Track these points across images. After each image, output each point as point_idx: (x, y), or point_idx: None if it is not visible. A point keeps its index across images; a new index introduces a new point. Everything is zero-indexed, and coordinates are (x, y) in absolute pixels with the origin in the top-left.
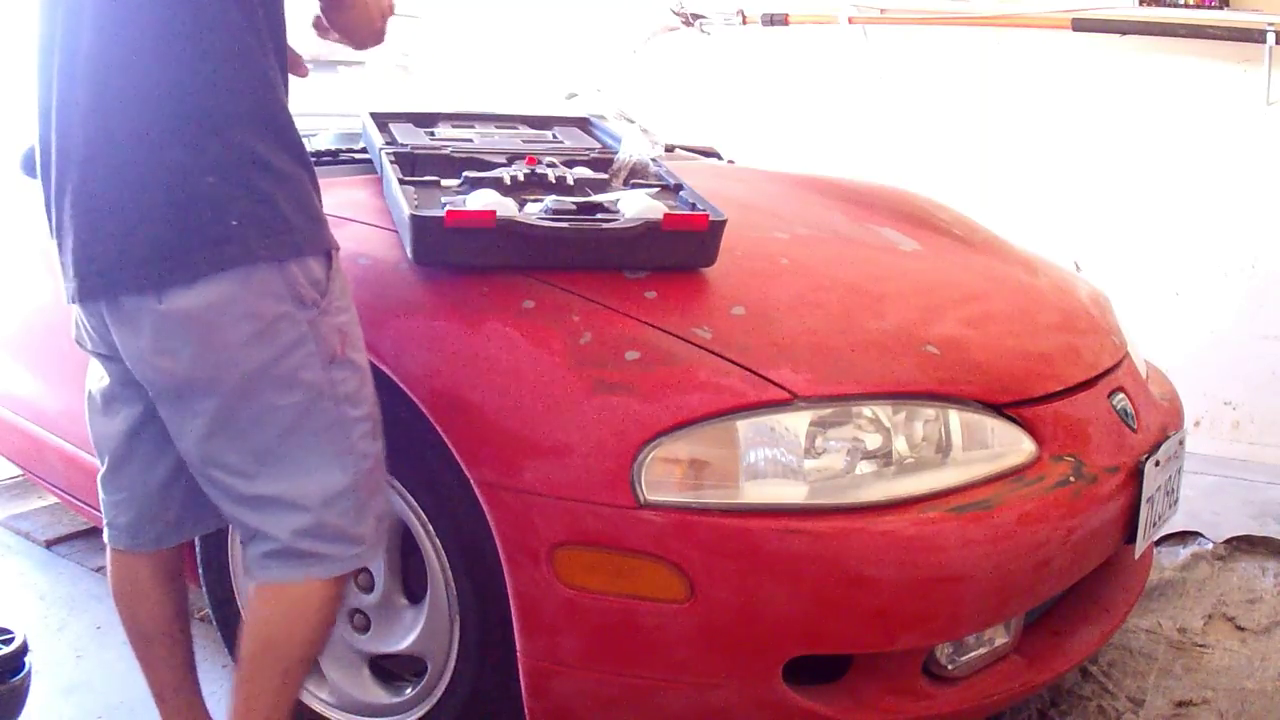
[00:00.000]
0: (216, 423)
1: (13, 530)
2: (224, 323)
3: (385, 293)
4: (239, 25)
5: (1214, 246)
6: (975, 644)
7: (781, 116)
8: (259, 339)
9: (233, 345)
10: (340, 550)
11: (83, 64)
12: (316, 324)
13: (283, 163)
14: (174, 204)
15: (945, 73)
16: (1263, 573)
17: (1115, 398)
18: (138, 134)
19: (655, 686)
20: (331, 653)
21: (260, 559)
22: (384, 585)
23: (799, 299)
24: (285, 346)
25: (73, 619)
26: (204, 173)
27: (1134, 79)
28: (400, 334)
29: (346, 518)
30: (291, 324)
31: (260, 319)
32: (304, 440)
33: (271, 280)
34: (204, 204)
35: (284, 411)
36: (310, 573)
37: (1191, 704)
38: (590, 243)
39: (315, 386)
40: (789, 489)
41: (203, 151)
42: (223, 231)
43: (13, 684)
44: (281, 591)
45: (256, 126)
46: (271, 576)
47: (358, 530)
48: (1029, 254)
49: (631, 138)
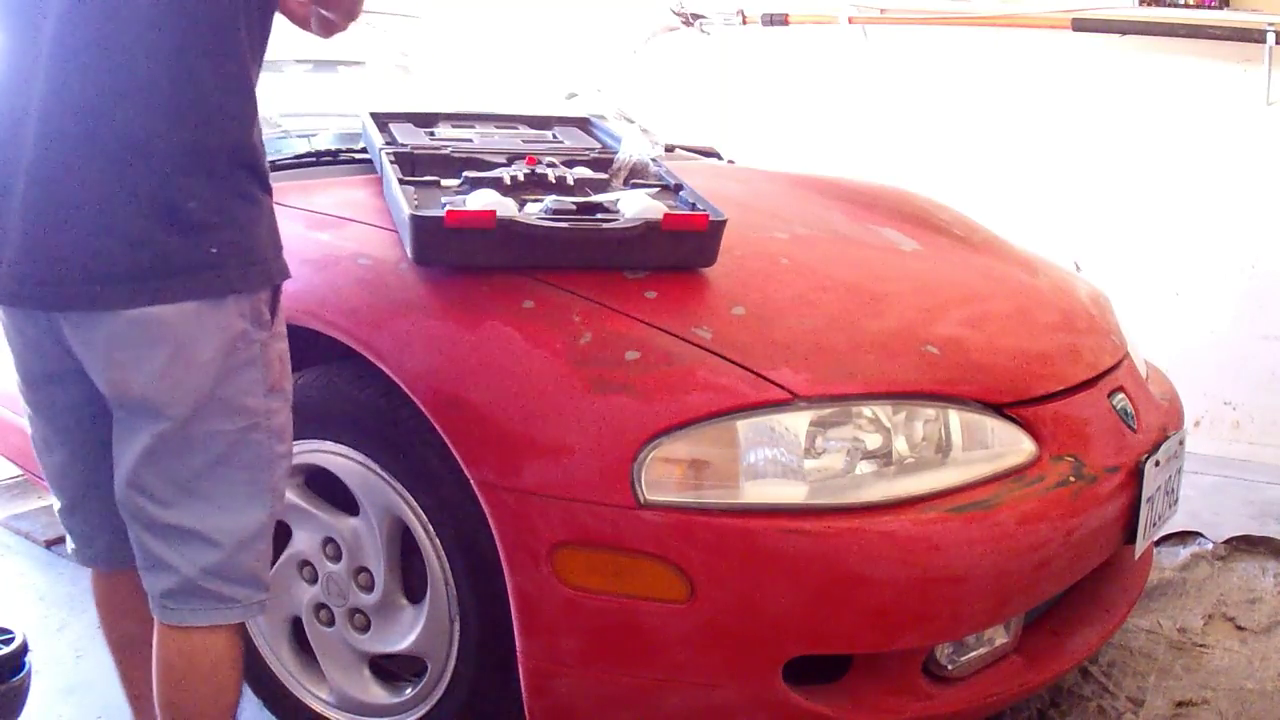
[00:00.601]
0: (155, 446)
1: (13, 530)
2: (192, 334)
3: (385, 293)
4: (244, 53)
5: (1214, 246)
6: (975, 644)
7: (781, 116)
8: (222, 353)
9: (199, 361)
10: (247, 594)
11: (66, 64)
12: (267, 346)
13: (259, 192)
14: (151, 225)
15: (945, 73)
16: (1263, 573)
17: (1115, 398)
18: (118, 145)
19: (655, 686)
20: (331, 653)
21: (161, 597)
22: (384, 585)
23: (799, 299)
24: (238, 365)
25: (73, 619)
26: (187, 197)
27: (1134, 79)
28: (400, 334)
29: (260, 559)
30: (248, 343)
31: (226, 332)
32: (230, 473)
33: (240, 302)
34: (185, 229)
35: (222, 438)
36: (213, 617)
37: (1191, 704)
38: (590, 243)
39: (254, 414)
40: (789, 489)
41: (187, 174)
42: (201, 259)
43: (13, 684)
44: (184, 637)
45: (242, 154)
46: (172, 618)
47: (264, 574)
48: (1029, 254)
49: (631, 138)
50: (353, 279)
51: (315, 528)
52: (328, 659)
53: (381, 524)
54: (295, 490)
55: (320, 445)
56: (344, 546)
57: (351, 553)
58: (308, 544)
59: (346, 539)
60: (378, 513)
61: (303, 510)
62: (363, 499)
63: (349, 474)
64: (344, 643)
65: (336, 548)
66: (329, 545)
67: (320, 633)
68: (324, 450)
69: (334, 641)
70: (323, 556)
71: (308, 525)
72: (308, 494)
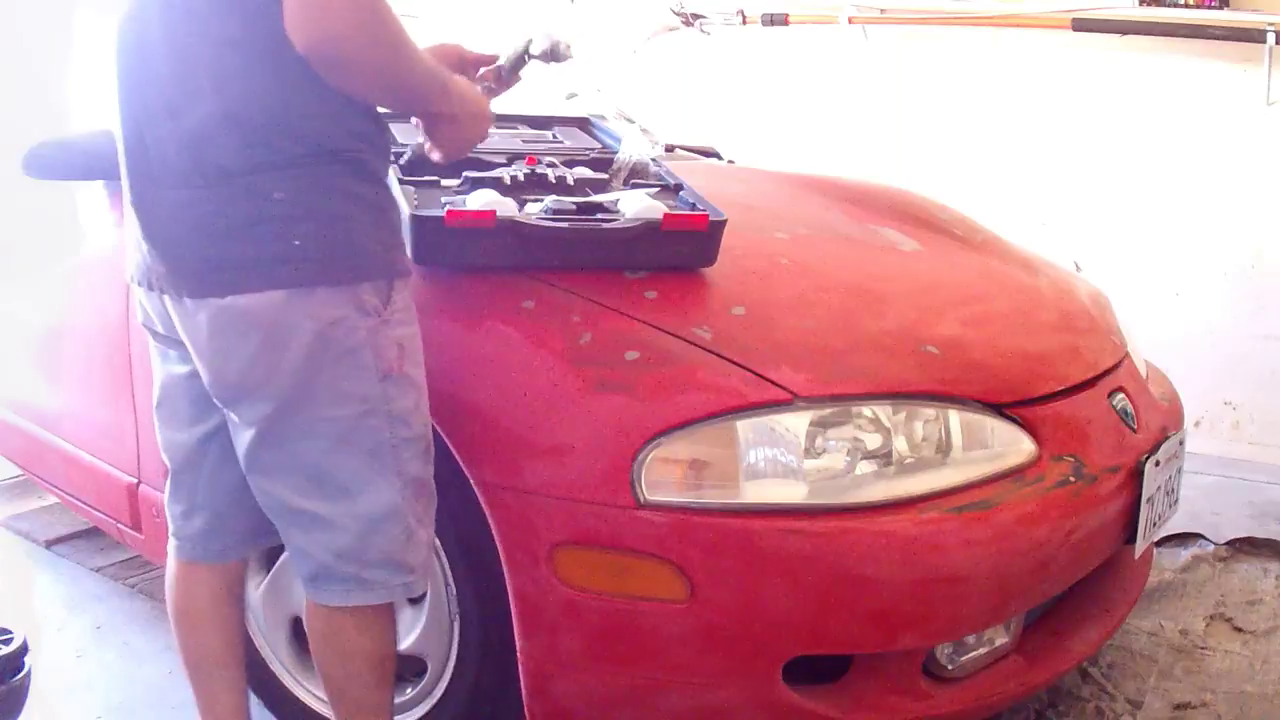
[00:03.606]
0: (265, 430)
1: (13, 530)
2: (283, 324)
3: None
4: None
5: (1214, 246)
6: (975, 644)
7: (781, 116)
8: (317, 340)
9: (291, 348)
10: (386, 576)
11: (166, 65)
12: (376, 333)
13: (357, 186)
14: (237, 216)
15: (945, 73)
16: (1264, 574)
17: (1115, 398)
18: (209, 141)
19: (655, 686)
20: None
21: (307, 580)
22: None
23: (799, 299)
24: (340, 353)
25: (73, 619)
26: (272, 188)
27: (1134, 79)
28: None
29: (395, 543)
30: (350, 330)
31: (319, 319)
32: (348, 459)
33: (335, 292)
34: (270, 220)
35: (332, 424)
36: (352, 599)
37: (1190, 707)
38: (590, 243)
39: (367, 400)
40: (789, 489)
41: (272, 167)
42: (284, 250)
43: (13, 684)
44: (328, 613)
45: (330, 149)
46: (318, 598)
47: (407, 557)
48: (1029, 254)
49: (631, 138)
50: None
51: None
52: None
53: None
54: None
55: None
56: None
57: None
58: None
59: None
60: None
61: None
62: None
63: None
64: None
65: None
66: None
67: None
68: None
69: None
70: None
71: None
72: None
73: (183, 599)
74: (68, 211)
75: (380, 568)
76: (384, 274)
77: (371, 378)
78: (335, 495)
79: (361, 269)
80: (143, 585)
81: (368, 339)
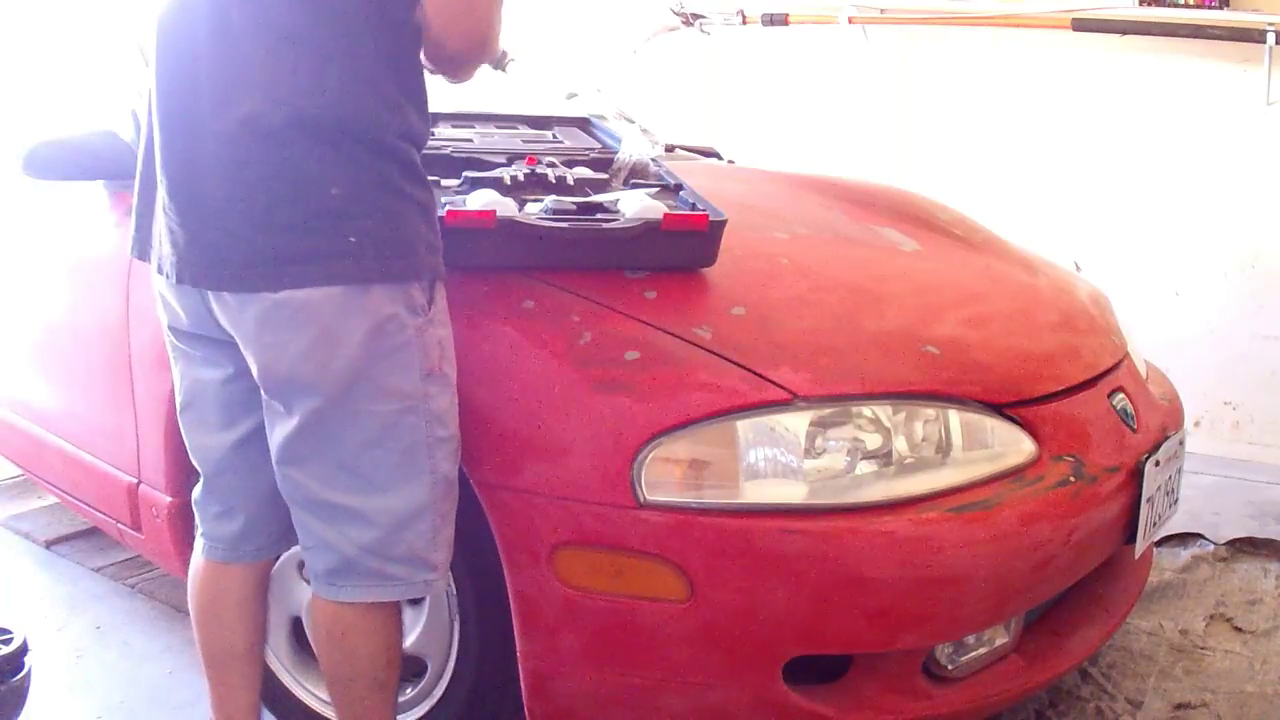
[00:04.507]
0: (308, 422)
1: (13, 530)
2: (339, 320)
3: None
4: (367, 50)
5: (1214, 246)
6: (975, 644)
7: (781, 116)
8: (370, 337)
9: (345, 344)
10: (409, 573)
11: (217, 57)
12: (423, 332)
13: (409, 187)
14: (294, 210)
15: (945, 73)
16: (1264, 574)
17: (1115, 398)
18: (263, 134)
19: (655, 686)
20: None
21: (325, 575)
22: None
23: (799, 299)
24: (390, 349)
25: (73, 619)
26: (329, 183)
27: (1134, 79)
28: None
29: (422, 539)
30: (400, 327)
31: (373, 316)
32: (385, 454)
33: (389, 289)
34: (325, 215)
35: (374, 419)
36: (372, 594)
37: (1190, 707)
38: (590, 243)
39: (408, 397)
40: (789, 489)
41: (329, 162)
42: (340, 246)
43: (13, 684)
44: (338, 613)
45: (386, 148)
46: (334, 595)
47: (431, 555)
48: (1029, 254)
49: (631, 138)
50: None
51: None
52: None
53: None
54: None
55: None
56: None
57: None
58: None
59: None
60: None
61: None
62: None
63: None
64: None
65: None
66: None
67: None
68: None
69: None
70: None
71: None
72: None
73: (210, 598)
74: (67, 211)
75: (404, 563)
76: (430, 274)
77: (415, 375)
78: (368, 489)
79: (412, 268)
80: (143, 585)
81: (415, 337)
